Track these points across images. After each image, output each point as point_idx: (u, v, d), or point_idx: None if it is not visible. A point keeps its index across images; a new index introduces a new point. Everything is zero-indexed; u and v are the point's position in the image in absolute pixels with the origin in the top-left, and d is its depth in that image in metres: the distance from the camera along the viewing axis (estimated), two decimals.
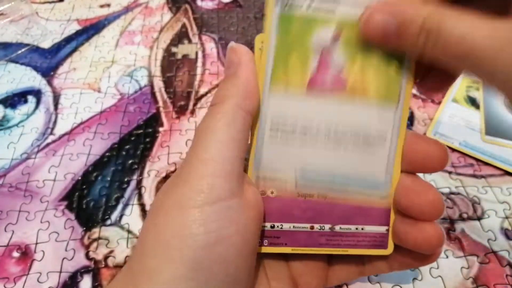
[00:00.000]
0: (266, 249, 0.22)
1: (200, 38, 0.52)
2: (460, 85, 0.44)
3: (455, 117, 0.40)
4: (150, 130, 0.41)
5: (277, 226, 0.22)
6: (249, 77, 0.20)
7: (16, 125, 0.42)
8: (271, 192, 0.22)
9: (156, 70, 0.48)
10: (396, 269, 0.24)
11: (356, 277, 0.25)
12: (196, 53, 0.50)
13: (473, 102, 0.42)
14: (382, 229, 0.22)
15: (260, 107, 0.21)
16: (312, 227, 0.22)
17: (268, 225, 0.22)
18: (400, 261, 0.23)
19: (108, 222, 0.33)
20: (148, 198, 0.35)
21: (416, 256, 0.22)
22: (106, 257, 0.31)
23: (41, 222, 0.33)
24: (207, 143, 0.18)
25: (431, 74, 0.22)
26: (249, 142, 0.21)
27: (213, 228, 0.17)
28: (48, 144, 0.40)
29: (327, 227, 0.22)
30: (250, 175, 0.22)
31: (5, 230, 0.33)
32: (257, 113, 0.21)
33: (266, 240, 0.22)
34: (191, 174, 0.18)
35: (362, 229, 0.22)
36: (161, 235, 0.17)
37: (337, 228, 0.22)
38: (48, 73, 0.47)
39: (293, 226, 0.22)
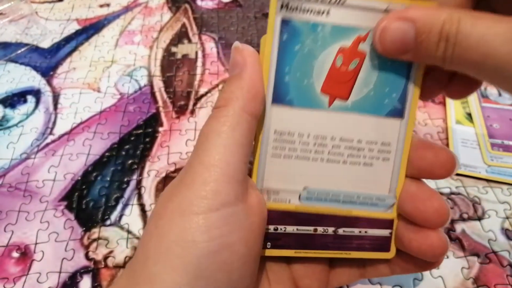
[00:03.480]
0: (269, 252, 0.22)
1: (200, 38, 0.52)
2: (455, 103, 0.42)
3: (467, 141, 0.38)
4: (150, 130, 0.41)
5: (280, 229, 0.22)
6: (254, 79, 0.19)
7: (16, 125, 0.41)
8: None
9: (156, 70, 0.47)
10: (398, 273, 0.23)
11: (357, 279, 0.25)
12: (196, 53, 0.50)
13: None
14: (385, 232, 0.22)
15: (264, 116, 0.20)
16: (315, 230, 0.22)
17: (271, 227, 0.22)
18: (402, 266, 0.23)
19: (108, 222, 0.33)
20: (148, 198, 0.35)
21: (418, 262, 0.22)
22: (105, 257, 0.31)
23: (40, 222, 0.33)
24: (210, 147, 0.18)
25: (455, 78, 0.21)
26: (253, 145, 0.21)
27: (216, 235, 0.17)
28: (47, 144, 0.39)
29: (330, 230, 0.22)
30: (254, 180, 0.21)
31: (5, 230, 0.33)
32: (262, 116, 0.20)
33: (269, 243, 0.22)
34: (194, 180, 0.18)
35: (366, 232, 0.22)
36: (164, 241, 0.17)
37: (340, 231, 0.22)
38: (47, 73, 0.47)
39: (297, 229, 0.22)
